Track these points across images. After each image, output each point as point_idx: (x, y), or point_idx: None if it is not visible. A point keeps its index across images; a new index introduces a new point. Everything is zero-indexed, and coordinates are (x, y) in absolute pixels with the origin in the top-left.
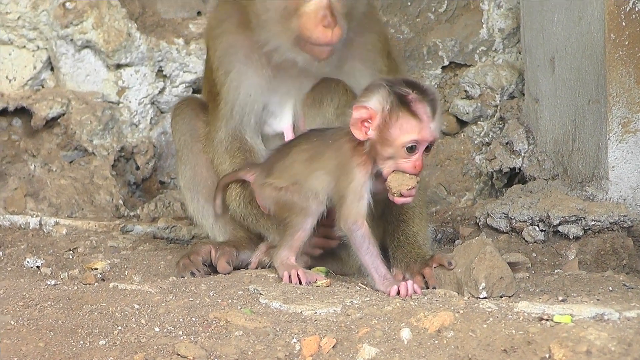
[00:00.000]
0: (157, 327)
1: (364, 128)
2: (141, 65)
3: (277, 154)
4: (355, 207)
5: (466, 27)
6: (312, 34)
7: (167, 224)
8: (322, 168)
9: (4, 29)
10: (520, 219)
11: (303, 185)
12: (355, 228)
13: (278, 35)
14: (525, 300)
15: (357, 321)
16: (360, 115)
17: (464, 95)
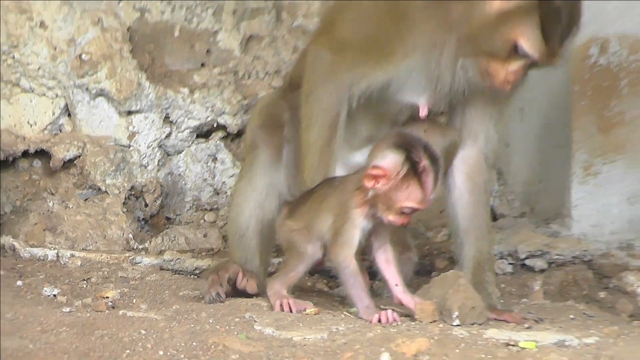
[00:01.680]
0: (161, 350)
1: (374, 181)
2: (150, 112)
3: (302, 197)
4: (346, 246)
5: None
6: (496, 76)
7: (172, 257)
8: (326, 209)
9: (26, 78)
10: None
11: (311, 229)
12: (344, 265)
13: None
14: (494, 327)
15: (342, 346)
16: (376, 173)
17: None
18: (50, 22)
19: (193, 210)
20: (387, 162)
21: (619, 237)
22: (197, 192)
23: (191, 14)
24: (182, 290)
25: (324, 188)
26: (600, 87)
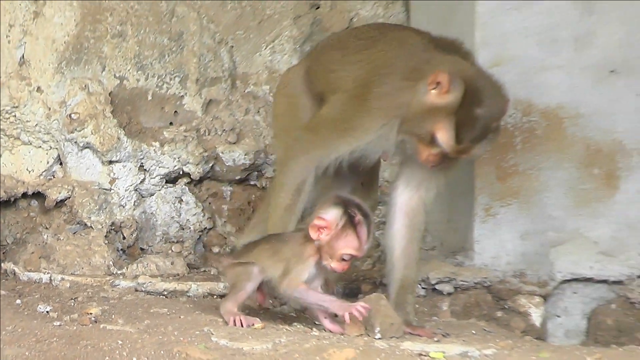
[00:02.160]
0: (135, 357)
1: (318, 232)
2: (127, 162)
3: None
4: (297, 279)
5: None
6: (421, 154)
7: (145, 280)
8: (281, 260)
9: (25, 133)
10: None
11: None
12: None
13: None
14: (409, 340)
15: (284, 354)
16: (320, 224)
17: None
18: (45, 87)
19: (162, 242)
20: (328, 215)
21: (513, 267)
22: (165, 228)
23: (161, 81)
24: (153, 308)
25: (272, 241)
26: (499, 143)
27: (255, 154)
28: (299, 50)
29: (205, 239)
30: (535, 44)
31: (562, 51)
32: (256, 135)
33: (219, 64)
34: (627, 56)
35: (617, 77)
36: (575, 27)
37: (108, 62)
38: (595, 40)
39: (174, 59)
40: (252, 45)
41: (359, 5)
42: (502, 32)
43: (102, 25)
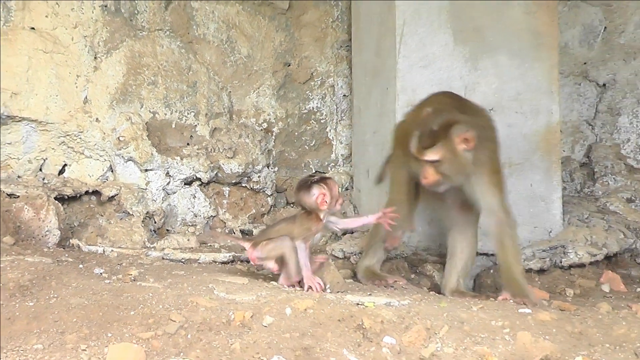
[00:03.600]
0: (160, 305)
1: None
2: (158, 170)
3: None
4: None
5: (324, 153)
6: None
7: (169, 252)
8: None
9: (88, 150)
10: (348, 251)
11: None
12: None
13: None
14: (350, 294)
15: (263, 303)
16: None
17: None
18: (101, 119)
19: (181, 225)
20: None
21: (422, 244)
22: (184, 215)
23: (182, 115)
24: (174, 271)
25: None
26: None
27: (246, 165)
28: (276, 95)
29: (211, 223)
30: (437, 91)
31: None
32: (246, 152)
33: (221, 104)
34: (500, 99)
35: (494, 113)
36: (465, 79)
37: (145, 102)
38: (479, 88)
39: (190, 100)
40: (244, 90)
41: (317, 64)
42: (415, 82)
43: (141, 77)
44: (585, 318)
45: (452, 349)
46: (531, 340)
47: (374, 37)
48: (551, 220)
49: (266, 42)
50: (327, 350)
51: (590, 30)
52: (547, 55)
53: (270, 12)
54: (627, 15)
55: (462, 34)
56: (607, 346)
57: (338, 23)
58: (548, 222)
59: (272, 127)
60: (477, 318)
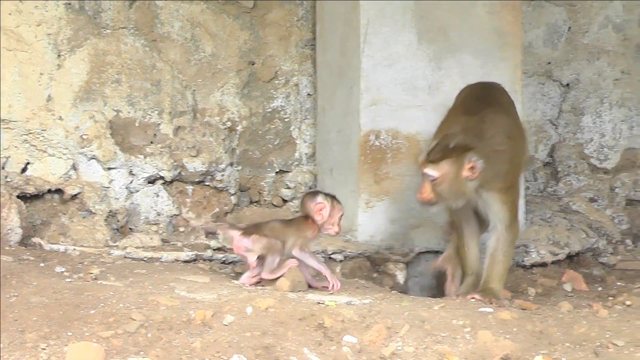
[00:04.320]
0: (121, 304)
1: (321, 214)
2: (121, 168)
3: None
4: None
5: (288, 151)
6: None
7: (132, 250)
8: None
9: (51, 148)
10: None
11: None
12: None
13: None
14: (312, 293)
15: (224, 303)
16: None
17: (286, 187)
18: (65, 117)
19: (144, 224)
20: (320, 200)
21: (385, 242)
22: (147, 214)
23: (145, 114)
24: (136, 270)
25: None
26: (376, 158)
27: (210, 164)
28: (240, 93)
29: (174, 222)
30: (401, 90)
31: (419, 95)
32: (210, 151)
33: (185, 102)
34: None
35: None
36: (429, 79)
37: (108, 100)
38: (443, 88)
39: (154, 98)
40: (208, 89)
41: (281, 63)
42: (379, 81)
43: (105, 75)
44: (546, 317)
45: (412, 348)
46: (492, 339)
47: (339, 36)
48: None
49: (231, 41)
50: (287, 349)
51: (555, 30)
52: (511, 54)
53: (234, 10)
54: (591, 16)
55: (426, 33)
56: (567, 345)
57: (303, 22)
58: None
59: (236, 126)
60: (438, 317)
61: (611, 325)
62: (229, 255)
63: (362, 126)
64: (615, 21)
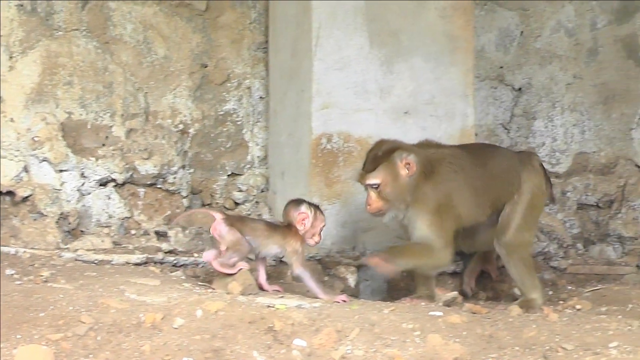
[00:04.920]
0: (71, 306)
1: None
2: (73, 171)
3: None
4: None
5: (240, 154)
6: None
7: (82, 253)
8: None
9: (2, 150)
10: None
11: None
12: (302, 271)
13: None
14: (262, 296)
15: (174, 306)
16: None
17: (238, 190)
18: (16, 119)
19: (96, 227)
20: (303, 209)
21: (336, 246)
22: (98, 217)
23: (97, 116)
24: (86, 272)
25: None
26: (327, 161)
27: (161, 166)
28: (192, 96)
29: (125, 225)
30: (352, 94)
31: (371, 99)
32: (162, 153)
33: (137, 104)
34: (415, 103)
35: (409, 116)
36: (380, 82)
37: (60, 102)
38: (394, 92)
39: (106, 100)
40: (160, 91)
41: (234, 65)
42: (331, 85)
43: (57, 77)
44: (496, 321)
45: (362, 352)
46: (441, 343)
47: (290, 39)
48: None
49: (183, 43)
50: (237, 352)
51: (507, 34)
52: (463, 59)
53: (187, 13)
54: (543, 20)
55: (378, 37)
56: (516, 349)
57: (255, 25)
58: None
59: (188, 129)
60: (388, 320)
61: (561, 329)
62: (180, 258)
63: (313, 129)
64: (567, 26)
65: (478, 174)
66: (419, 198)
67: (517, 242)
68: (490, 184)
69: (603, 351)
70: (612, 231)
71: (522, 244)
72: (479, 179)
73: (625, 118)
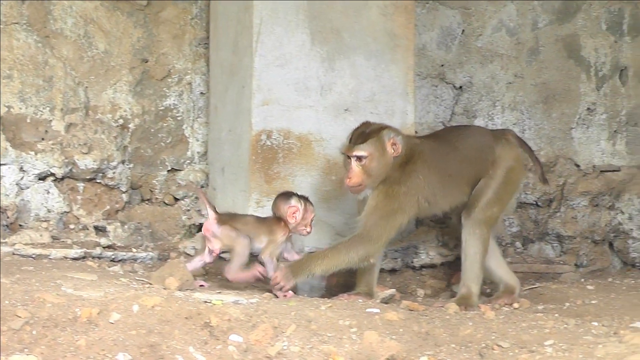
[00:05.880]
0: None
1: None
2: (12, 165)
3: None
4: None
5: (180, 150)
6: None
7: (20, 247)
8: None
9: None
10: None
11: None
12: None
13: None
14: (199, 292)
15: (111, 300)
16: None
17: (178, 185)
18: None
19: (35, 221)
20: (293, 203)
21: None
22: (37, 211)
23: (37, 110)
24: (24, 267)
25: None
26: (267, 157)
27: (101, 161)
28: (133, 91)
29: (64, 219)
30: (293, 90)
31: (311, 95)
32: (101, 148)
33: (77, 99)
34: (356, 100)
35: (349, 114)
36: (321, 79)
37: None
38: (335, 89)
39: (46, 95)
40: (100, 86)
41: (175, 61)
42: (271, 81)
43: None
44: (432, 318)
45: (298, 348)
46: (378, 340)
47: (232, 35)
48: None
49: (124, 38)
50: (173, 348)
51: (448, 32)
52: (403, 57)
53: (128, 8)
54: (484, 19)
55: (319, 34)
56: (452, 346)
57: (197, 20)
58: None
59: (128, 124)
60: (325, 317)
61: (497, 327)
62: (118, 253)
63: (253, 126)
64: (509, 25)
65: (451, 159)
66: (386, 183)
67: (483, 216)
68: (464, 166)
69: (538, 349)
70: (550, 230)
71: (487, 219)
72: (452, 165)
73: (565, 117)
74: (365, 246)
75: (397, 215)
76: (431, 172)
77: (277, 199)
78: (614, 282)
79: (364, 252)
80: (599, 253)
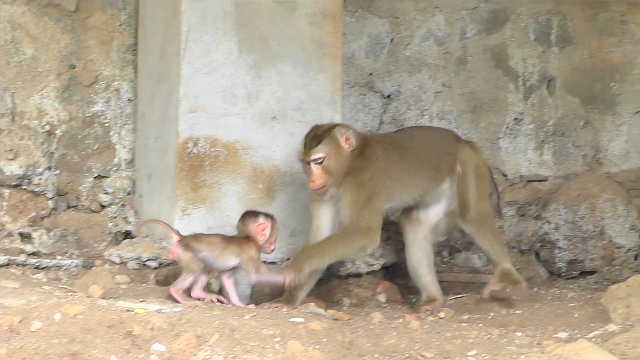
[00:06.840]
0: None
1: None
2: None
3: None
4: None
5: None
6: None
7: None
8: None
9: None
10: (125, 257)
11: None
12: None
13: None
14: (122, 300)
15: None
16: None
17: (104, 192)
18: None
19: None
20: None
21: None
22: None
23: None
24: None
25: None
26: (193, 165)
27: (27, 167)
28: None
29: None
30: (220, 98)
31: (239, 103)
32: (27, 154)
33: (3, 104)
34: (283, 108)
35: (276, 122)
36: (248, 87)
37: None
38: (262, 97)
39: None
40: (27, 92)
41: (102, 67)
42: (199, 89)
43: None
44: (357, 328)
45: (221, 357)
46: (301, 349)
47: (160, 41)
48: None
49: (52, 44)
50: (95, 357)
51: (377, 41)
52: (331, 65)
53: (56, 13)
54: (413, 29)
55: (247, 42)
56: (376, 356)
57: (125, 27)
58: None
59: (55, 130)
60: (249, 326)
61: (421, 336)
62: (42, 261)
63: (180, 133)
64: (437, 34)
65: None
66: (350, 175)
67: (480, 214)
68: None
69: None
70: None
71: (484, 214)
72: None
73: (493, 127)
74: (359, 238)
75: (374, 200)
76: (389, 153)
77: (244, 218)
78: (539, 292)
79: (359, 244)
80: (525, 263)
